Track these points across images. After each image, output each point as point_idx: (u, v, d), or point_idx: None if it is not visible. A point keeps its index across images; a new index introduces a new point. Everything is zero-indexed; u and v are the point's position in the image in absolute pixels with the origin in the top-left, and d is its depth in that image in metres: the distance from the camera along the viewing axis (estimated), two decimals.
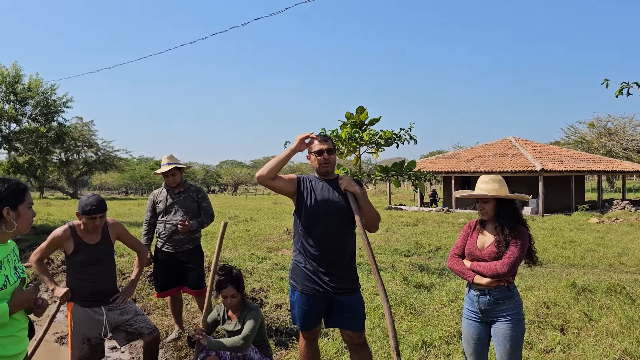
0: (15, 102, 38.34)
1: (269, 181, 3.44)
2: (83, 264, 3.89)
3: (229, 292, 4.13)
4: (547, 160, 25.68)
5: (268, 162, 3.46)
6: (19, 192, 2.48)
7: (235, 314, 4.29)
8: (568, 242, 12.73)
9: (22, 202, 2.48)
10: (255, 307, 4.27)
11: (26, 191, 2.53)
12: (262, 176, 3.42)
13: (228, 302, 4.18)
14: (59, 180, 52.56)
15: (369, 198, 3.62)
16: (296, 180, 3.58)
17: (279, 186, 3.51)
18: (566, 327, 5.22)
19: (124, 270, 8.80)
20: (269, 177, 3.42)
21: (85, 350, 3.91)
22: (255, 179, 3.49)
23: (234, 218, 19.96)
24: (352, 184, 3.48)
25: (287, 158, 3.45)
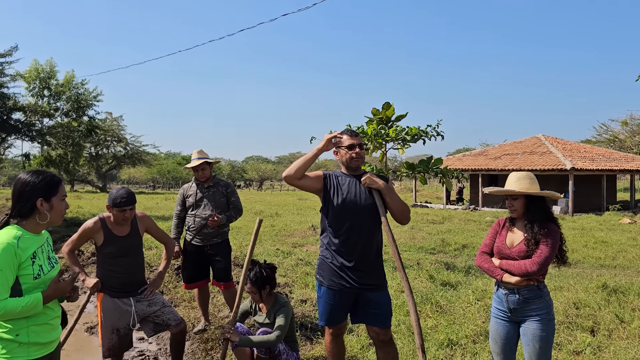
0: (49, 97, 39.35)
1: (296, 181, 3.44)
2: (113, 255, 3.96)
3: (249, 290, 4.18)
4: (578, 159, 25.14)
5: (295, 162, 3.47)
6: (53, 184, 2.53)
7: (266, 306, 4.32)
8: (599, 243, 12.44)
9: (55, 194, 2.53)
10: (286, 302, 4.29)
11: (60, 183, 2.58)
12: (290, 176, 3.43)
13: (251, 297, 4.23)
14: (89, 174, 53.64)
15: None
16: (322, 177, 3.58)
17: (306, 185, 3.51)
18: (597, 329, 5.11)
19: (151, 263, 8.94)
20: (296, 177, 3.42)
21: (114, 340, 3.99)
22: (283, 179, 3.50)
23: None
24: (375, 181, 3.45)
25: (314, 158, 3.44)
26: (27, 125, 26.14)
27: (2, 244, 2.32)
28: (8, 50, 23.60)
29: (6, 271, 2.31)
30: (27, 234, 2.45)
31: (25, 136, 25.79)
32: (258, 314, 4.39)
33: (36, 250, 2.46)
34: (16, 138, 27.67)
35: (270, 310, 4.26)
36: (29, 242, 2.43)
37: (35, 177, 2.51)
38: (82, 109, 41.00)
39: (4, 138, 28.23)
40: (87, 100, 41.46)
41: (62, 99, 40.19)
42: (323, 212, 3.59)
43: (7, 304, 2.30)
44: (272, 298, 4.29)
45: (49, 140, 35.36)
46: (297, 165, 3.42)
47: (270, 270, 4.30)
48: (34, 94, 39.37)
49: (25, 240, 2.42)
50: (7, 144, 37.69)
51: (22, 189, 2.47)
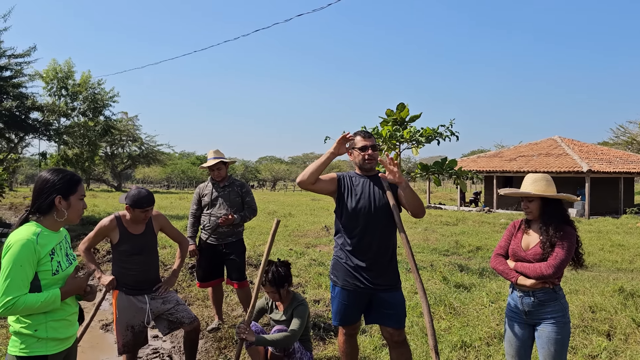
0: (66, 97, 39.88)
1: (310, 185, 3.45)
2: (128, 253, 4.01)
3: (267, 289, 4.20)
4: (595, 161, 24.84)
5: (308, 167, 3.46)
6: (72, 182, 2.58)
7: (283, 304, 4.34)
8: (615, 246, 12.28)
9: (74, 192, 2.57)
10: (303, 301, 4.30)
11: (79, 183, 2.62)
12: (304, 181, 3.43)
13: (269, 296, 4.25)
14: (104, 173, 54.24)
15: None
16: (336, 179, 3.58)
17: (320, 188, 3.52)
18: (613, 333, 5.05)
19: (165, 262, 9.01)
20: (310, 182, 3.43)
21: (129, 337, 4.04)
22: (297, 184, 3.50)
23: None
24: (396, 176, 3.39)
25: (327, 161, 3.43)
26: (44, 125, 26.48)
27: (21, 240, 2.37)
28: (27, 51, 23.92)
29: (26, 267, 2.36)
30: (46, 231, 2.49)
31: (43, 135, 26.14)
32: (274, 312, 4.40)
33: (55, 246, 2.50)
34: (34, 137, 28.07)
35: (287, 308, 4.28)
36: (47, 238, 2.47)
37: (56, 175, 2.56)
38: (99, 109, 41.51)
39: (22, 137, 28.64)
40: (104, 100, 41.98)
41: (79, 99, 40.74)
42: (337, 213, 3.60)
43: (27, 299, 2.35)
44: (290, 296, 4.31)
45: (66, 139, 35.81)
46: (310, 170, 3.43)
47: (285, 267, 4.32)
48: (51, 94, 39.97)
49: (44, 236, 2.46)
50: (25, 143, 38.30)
51: (42, 185, 2.53)
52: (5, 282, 2.32)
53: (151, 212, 4.02)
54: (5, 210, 22.88)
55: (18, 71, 23.76)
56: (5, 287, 2.32)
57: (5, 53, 22.83)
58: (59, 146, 39.24)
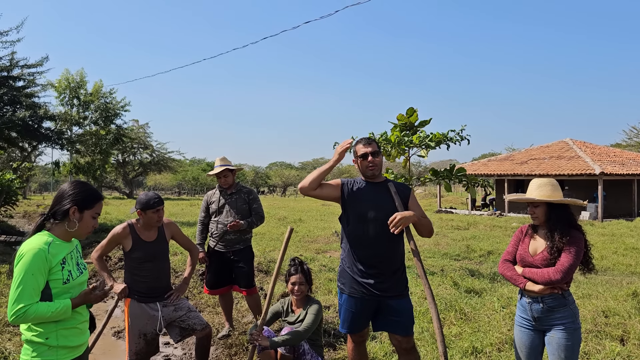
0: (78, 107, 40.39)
1: (311, 192, 3.46)
2: (140, 260, 4.05)
3: (298, 279, 4.22)
4: (607, 163, 24.61)
5: (310, 174, 3.49)
6: (91, 198, 2.65)
7: (299, 307, 4.35)
8: (629, 249, 12.14)
9: (89, 208, 2.63)
10: (318, 302, 4.33)
11: (97, 201, 2.68)
12: (305, 187, 3.45)
13: (296, 288, 4.25)
14: (116, 181, 54.69)
15: (418, 202, 3.60)
16: (341, 185, 3.58)
17: (323, 194, 3.53)
18: (626, 338, 5.00)
19: (176, 269, 9.06)
20: (311, 188, 3.45)
21: (141, 345, 4.07)
22: (300, 191, 3.53)
23: (283, 219, 20.17)
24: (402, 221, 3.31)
25: (329, 169, 3.45)
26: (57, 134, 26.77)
27: (33, 249, 2.42)
28: (39, 61, 24.24)
29: (37, 275, 2.40)
30: (58, 241, 2.54)
31: (56, 144, 26.42)
32: (290, 315, 4.41)
33: (66, 256, 2.55)
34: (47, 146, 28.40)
35: (303, 309, 4.30)
36: (59, 248, 2.52)
37: (78, 187, 2.65)
38: (110, 117, 41.96)
39: (35, 146, 28.96)
40: (115, 109, 42.44)
41: (91, 108, 41.22)
42: (343, 220, 3.60)
43: (39, 308, 2.39)
44: (306, 299, 4.34)
45: (78, 148, 36.18)
46: (312, 177, 3.45)
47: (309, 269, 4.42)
48: (64, 103, 40.46)
49: (56, 246, 2.51)
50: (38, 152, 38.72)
51: (63, 193, 2.61)
52: (17, 290, 2.37)
53: (163, 213, 4.07)
54: (19, 219, 23.15)
55: (31, 81, 24.07)
56: (17, 295, 2.37)
57: (19, 63, 23.14)
58: (71, 154, 39.64)
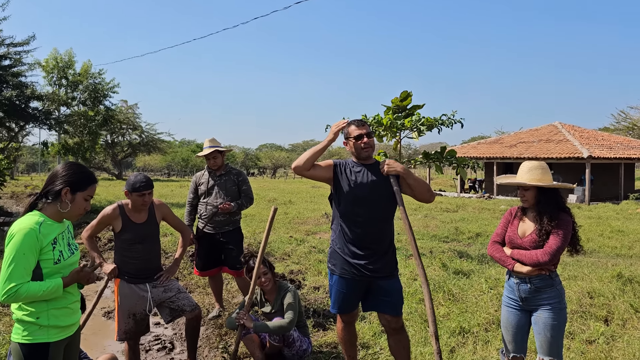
0: (66, 87, 39.85)
1: (305, 171, 3.46)
2: (130, 242, 4.04)
3: (263, 272, 4.27)
4: (595, 147, 24.80)
5: (304, 153, 3.48)
6: (84, 181, 2.63)
7: (271, 297, 4.41)
8: (615, 232, 12.31)
9: (82, 190, 2.62)
10: (290, 288, 4.38)
11: (91, 184, 2.67)
12: (299, 167, 3.44)
13: (262, 280, 4.30)
14: (105, 162, 54.22)
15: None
16: (333, 165, 3.58)
17: (316, 174, 3.52)
18: (610, 318, 5.10)
19: (166, 250, 9.07)
20: (305, 168, 3.44)
21: (130, 325, 4.08)
22: (293, 170, 3.52)
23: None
24: (393, 166, 3.42)
25: (323, 149, 3.45)
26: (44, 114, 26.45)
27: (24, 229, 2.41)
28: (26, 40, 23.79)
29: (28, 255, 2.40)
30: (49, 221, 2.53)
31: (43, 124, 26.11)
32: (265, 305, 4.47)
33: (57, 236, 2.54)
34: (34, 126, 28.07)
35: (276, 298, 4.36)
36: (50, 228, 2.51)
37: (73, 168, 2.63)
38: (99, 98, 41.48)
39: (22, 126, 28.61)
40: (104, 90, 41.93)
41: (79, 89, 40.68)
42: (334, 201, 3.61)
43: (30, 287, 2.39)
44: (276, 287, 4.40)
45: (67, 128, 35.77)
46: (306, 156, 3.44)
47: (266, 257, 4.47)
48: (51, 83, 39.89)
49: (47, 226, 2.50)
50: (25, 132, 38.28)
51: (56, 173, 2.61)
52: (8, 270, 2.36)
53: (150, 198, 4.03)
54: (7, 199, 22.96)
55: (17, 60, 23.66)
56: (8, 275, 2.36)
57: (5, 42, 22.72)
58: (60, 135, 39.21)
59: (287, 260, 8.24)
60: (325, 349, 4.55)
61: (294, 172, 3.51)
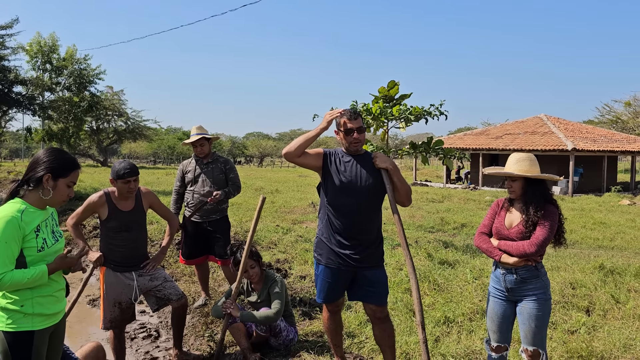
0: (50, 72, 39.19)
1: (295, 158, 3.44)
2: (116, 229, 4.00)
3: (250, 266, 4.26)
4: (580, 140, 25.06)
5: (295, 140, 3.45)
6: (66, 167, 2.59)
7: (258, 286, 4.41)
8: (598, 224, 12.49)
9: (64, 176, 2.58)
10: (277, 278, 4.38)
11: (73, 170, 2.63)
12: (290, 153, 3.42)
13: (249, 273, 4.30)
14: (90, 148, 53.58)
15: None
16: (323, 154, 3.57)
17: (306, 162, 3.51)
18: (592, 309, 5.18)
19: (152, 238, 9.01)
20: (295, 155, 3.42)
21: (116, 313, 4.06)
22: (282, 156, 3.51)
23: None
24: (385, 161, 3.44)
25: (315, 137, 3.43)
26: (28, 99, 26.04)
27: (6, 217, 2.37)
28: (9, 23, 23.36)
29: (11, 243, 2.36)
30: (32, 208, 2.49)
31: (27, 110, 25.72)
32: (251, 295, 4.48)
33: (40, 223, 2.51)
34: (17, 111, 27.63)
35: (263, 288, 4.37)
36: (32, 215, 2.47)
37: (54, 154, 2.59)
38: (84, 84, 40.88)
39: (5, 111, 28.15)
40: (89, 76, 41.32)
41: (64, 74, 40.03)
42: (322, 190, 3.60)
43: (14, 275, 2.36)
44: (263, 277, 4.40)
45: (51, 114, 35.27)
46: (297, 143, 3.42)
47: (254, 247, 4.45)
48: (35, 68, 39.21)
49: (29, 214, 2.46)
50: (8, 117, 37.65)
51: (37, 159, 2.57)
52: None
53: (136, 185, 3.98)
54: None
55: (0, 44, 23.22)
56: None
57: None
58: (44, 121, 38.66)
59: (274, 249, 8.24)
60: (311, 338, 4.57)
61: (285, 158, 3.50)
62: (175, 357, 4.35)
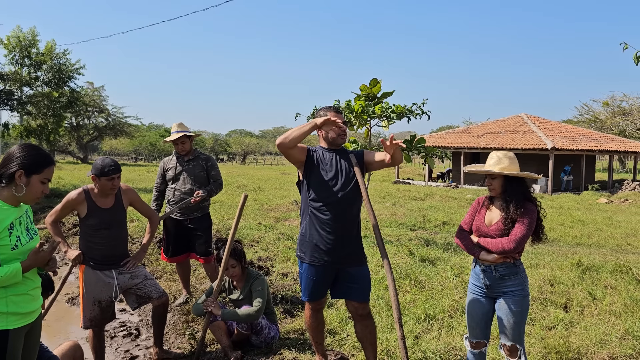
0: (29, 67, 38.49)
1: (288, 150, 3.46)
2: (96, 227, 3.94)
3: (231, 265, 4.24)
4: (559, 139, 25.43)
5: (291, 131, 3.46)
6: (39, 163, 2.53)
7: (240, 283, 4.40)
8: (576, 222, 12.70)
9: (37, 173, 2.52)
10: (259, 275, 4.38)
11: (47, 166, 2.57)
12: (284, 144, 3.43)
13: (230, 272, 4.28)
14: (70, 145, 52.79)
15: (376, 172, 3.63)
16: (306, 149, 3.60)
17: (294, 154, 3.53)
18: (569, 305, 5.27)
19: (133, 235, 8.93)
20: (290, 146, 3.44)
21: (95, 312, 4.01)
22: (277, 146, 3.51)
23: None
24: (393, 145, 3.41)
25: (309, 130, 3.44)
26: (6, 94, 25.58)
27: None
28: None
29: None
30: (5, 205, 2.44)
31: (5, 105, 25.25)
32: (233, 292, 4.46)
33: (14, 221, 2.45)
34: None
35: (244, 285, 4.36)
36: (5, 213, 2.42)
37: (27, 150, 2.53)
38: (63, 79, 40.22)
39: None
40: (69, 71, 40.65)
41: (43, 69, 39.33)
42: (304, 187, 3.61)
43: None
44: (245, 274, 4.39)
45: (29, 109, 34.66)
46: (293, 134, 3.42)
47: (240, 244, 4.40)
48: (13, 62, 38.45)
49: (2, 211, 2.41)
50: None
51: (10, 155, 2.50)
52: None
53: (119, 182, 3.94)
54: None
55: None
56: None
57: None
58: (22, 116, 37.95)
59: (256, 247, 8.21)
60: (292, 336, 4.57)
61: (277, 148, 3.50)
62: (156, 355, 4.32)
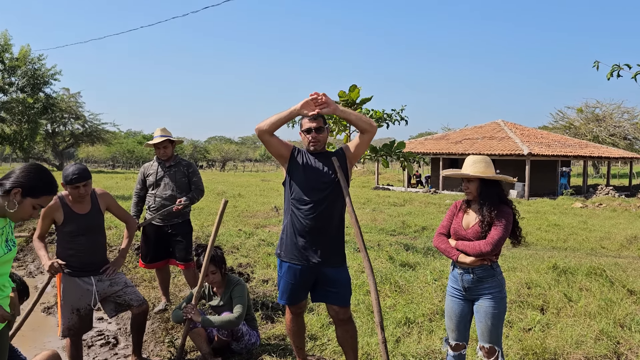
0: (2, 72, 37.77)
1: (267, 135, 3.44)
2: (73, 234, 3.89)
3: (211, 271, 4.21)
4: (535, 145, 25.86)
5: (270, 117, 3.43)
6: (39, 188, 2.53)
7: (220, 290, 4.38)
8: (552, 226, 12.92)
9: (34, 196, 2.52)
10: (239, 281, 4.36)
11: (46, 194, 2.57)
12: (262, 129, 3.42)
13: (210, 278, 4.26)
14: (45, 152, 51.93)
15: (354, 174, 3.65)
16: (292, 148, 3.60)
17: (275, 144, 3.51)
18: (546, 307, 5.36)
19: (110, 243, 8.81)
20: (268, 132, 3.43)
21: (74, 320, 3.94)
22: (255, 131, 3.49)
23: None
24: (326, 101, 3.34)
25: (288, 116, 3.40)
26: None
27: None
28: None
29: None
30: None
31: None
32: (213, 299, 4.44)
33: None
34: None
35: (225, 292, 4.33)
36: None
37: (34, 172, 2.54)
38: (39, 85, 39.56)
39: None
40: (44, 77, 40.01)
41: (17, 74, 38.63)
42: (287, 186, 3.62)
43: None
44: (225, 280, 4.37)
45: (3, 116, 33.99)
46: (271, 120, 3.41)
47: (221, 250, 4.39)
48: None
49: None
50: None
51: (16, 170, 2.52)
52: None
53: (88, 190, 3.86)
54: None
55: None
56: None
57: None
58: None
59: (236, 254, 8.18)
60: (273, 341, 4.56)
61: (256, 134, 3.48)
62: None
